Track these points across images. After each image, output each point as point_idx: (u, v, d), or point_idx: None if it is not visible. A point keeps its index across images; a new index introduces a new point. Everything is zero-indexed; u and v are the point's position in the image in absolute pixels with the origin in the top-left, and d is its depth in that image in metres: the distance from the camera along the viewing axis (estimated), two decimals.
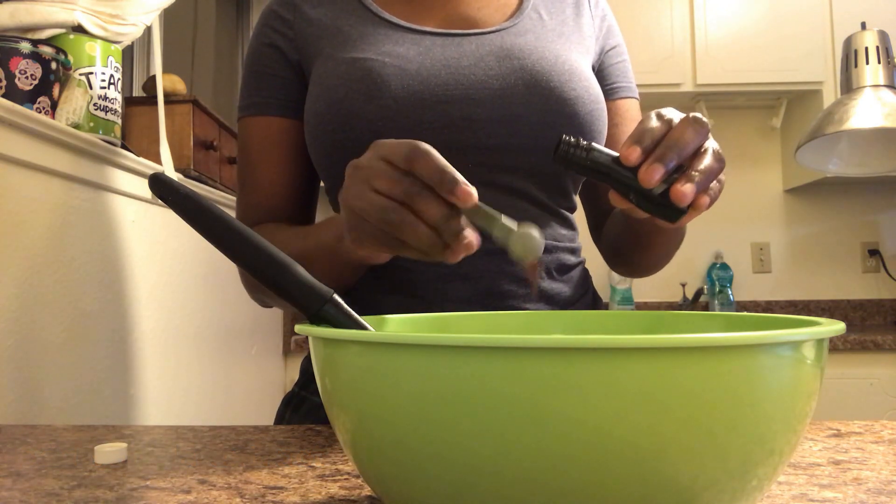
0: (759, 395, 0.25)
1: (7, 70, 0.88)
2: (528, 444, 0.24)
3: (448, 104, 0.65)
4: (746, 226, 2.55)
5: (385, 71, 0.65)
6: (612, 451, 0.24)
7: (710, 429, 0.24)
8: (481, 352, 0.24)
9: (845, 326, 0.31)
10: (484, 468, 0.25)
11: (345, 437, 0.31)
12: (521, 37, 0.71)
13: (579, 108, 0.68)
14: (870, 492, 0.39)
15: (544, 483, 0.25)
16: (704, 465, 0.24)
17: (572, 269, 0.73)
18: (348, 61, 0.67)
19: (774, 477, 0.28)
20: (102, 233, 1.04)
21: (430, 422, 0.26)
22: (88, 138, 0.97)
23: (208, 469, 0.45)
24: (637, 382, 0.23)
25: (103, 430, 0.58)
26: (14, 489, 0.41)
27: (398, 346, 0.26)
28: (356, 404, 0.29)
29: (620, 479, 0.24)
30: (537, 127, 0.67)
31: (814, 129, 1.77)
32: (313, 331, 0.31)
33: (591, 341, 0.23)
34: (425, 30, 0.70)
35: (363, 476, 0.32)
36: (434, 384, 0.25)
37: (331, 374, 0.30)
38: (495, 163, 0.67)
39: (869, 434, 0.54)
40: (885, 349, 1.92)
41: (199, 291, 1.40)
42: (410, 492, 0.28)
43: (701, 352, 0.24)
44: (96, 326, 1.01)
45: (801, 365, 0.27)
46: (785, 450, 0.27)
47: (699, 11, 2.29)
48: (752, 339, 0.24)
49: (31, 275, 0.86)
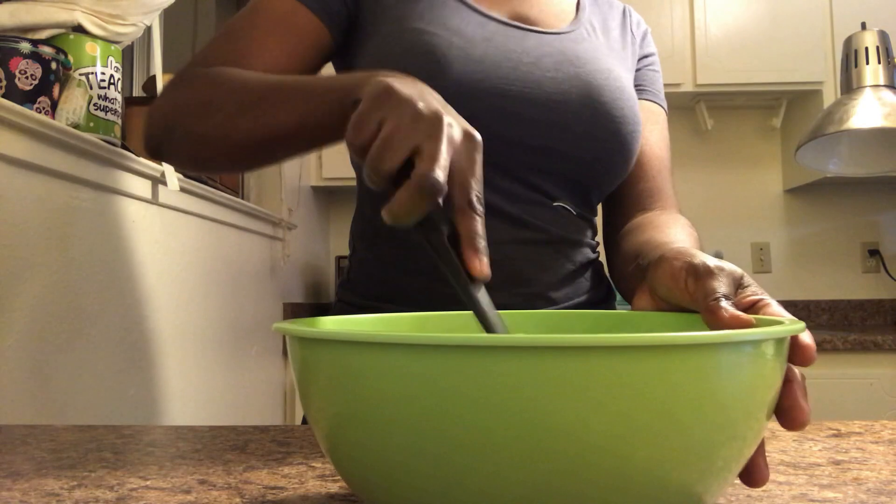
0: (721, 387, 0.26)
1: (7, 70, 0.88)
2: (499, 441, 0.25)
3: (504, 98, 0.65)
4: (746, 226, 2.55)
5: (451, 52, 0.65)
6: (585, 441, 0.25)
7: (677, 417, 0.25)
8: (446, 350, 0.25)
9: (805, 326, 0.32)
10: (458, 466, 0.26)
11: (321, 436, 0.31)
12: (579, 45, 0.71)
13: (623, 126, 0.69)
14: (870, 492, 0.39)
15: (519, 478, 0.25)
16: (672, 449, 0.26)
17: (590, 265, 0.74)
18: (415, 31, 0.66)
19: (741, 458, 0.29)
20: (102, 233, 1.04)
21: (403, 421, 0.26)
22: (88, 138, 0.97)
23: (208, 469, 0.45)
24: (604, 377, 0.24)
25: (103, 430, 0.58)
26: (14, 489, 0.41)
27: (371, 346, 0.27)
28: (333, 404, 0.29)
29: (594, 467, 0.25)
30: (580, 137, 0.68)
31: (814, 129, 1.77)
32: (290, 329, 0.31)
33: (555, 340, 0.24)
34: (492, 15, 0.70)
35: (340, 475, 0.32)
36: (407, 383, 0.26)
37: (307, 373, 0.30)
38: (533, 163, 0.67)
39: (869, 434, 0.54)
40: (885, 349, 1.92)
41: (199, 291, 1.40)
42: (386, 491, 0.28)
43: (667, 349, 0.25)
44: (96, 326, 1.01)
45: (762, 361, 0.28)
46: (748, 435, 0.29)
47: (699, 11, 2.29)
48: (714, 338, 0.26)
49: (31, 275, 0.86)
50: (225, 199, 1.52)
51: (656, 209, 0.75)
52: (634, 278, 0.59)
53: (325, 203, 2.64)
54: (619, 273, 0.72)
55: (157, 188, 1.19)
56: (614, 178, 0.74)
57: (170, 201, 1.25)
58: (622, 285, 0.71)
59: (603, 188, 0.74)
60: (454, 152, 0.40)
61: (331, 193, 2.61)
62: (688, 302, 0.41)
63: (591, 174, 0.71)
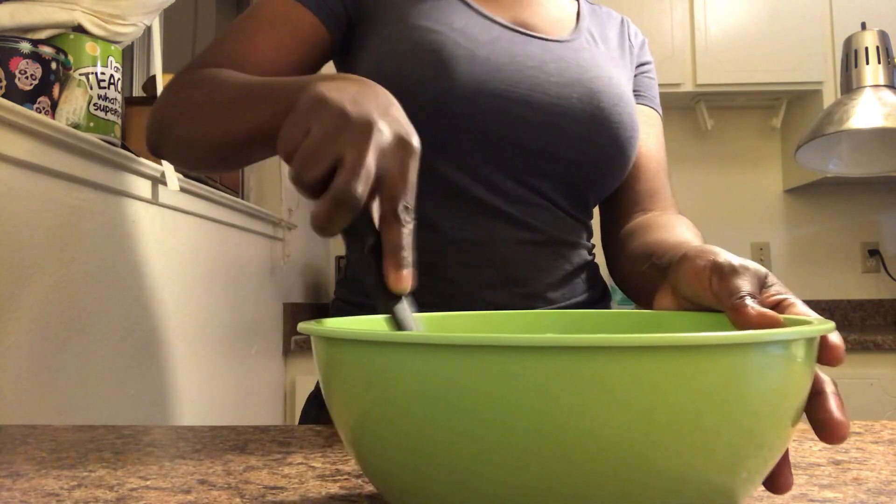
0: (749, 392, 0.25)
1: (7, 70, 0.88)
2: (524, 441, 0.25)
3: (507, 100, 0.66)
4: (746, 226, 2.55)
5: (457, 52, 0.65)
6: (610, 442, 0.24)
7: (703, 420, 0.25)
8: (475, 350, 0.25)
9: (835, 325, 0.31)
10: (481, 465, 0.26)
11: (347, 436, 0.31)
12: (580, 52, 0.72)
13: (620, 132, 0.70)
14: (870, 492, 0.39)
15: (544, 477, 0.25)
16: (694, 458, 0.25)
17: (586, 267, 0.75)
18: (421, 29, 0.66)
19: (765, 469, 0.28)
20: (102, 233, 1.04)
21: (429, 420, 0.26)
22: (88, 138, 0.97)
23: (208, 469, 0.45)
24: (629, 379, 0.24)
25: (103, 430, 0.58)
26: (14, 489, 0.41)
27: (397, 346, 0.27)
28: (358, 404, 0.29)
29: (618, 468, 0.25)
30: (578, 141, 0.68)
31: (814, 129, 1.77)
32: (315, 329, 0.31)
33: (586, 340, 0.24)
34: (496, 19, 0.71)
35: (366, 475, 0.32)
36: (432, 383, 0.26)
37: (332, 373, 0.30)
38: (531, 165, 0.68)
39: (869, 434, 0.54)
40: (885, 349, 1.92)
41: (199, 291, 1.40)
42: (411, 490, 0.28)
43: (693, 350, 0.24)
44: (96, 326, 1.01)
45: (791, 363, 0.27)
46: (775, 444, 0.28)
47: (699, 11, 2.29)
48: (743, 338, 0.25)
49: (31, 275, 0.86)
50: (225, 199, 1.52)
51: (656, 210, 0.76)
52: (648, 278, 0.59)
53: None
54: (625, 273, 0.72)
55: (157, 188, 1.19)
56: (611, 183, 0.75)
57: (170, 201, 1.25)
58: (628, 285, 0.71)
59: (599, 192, 0.75)
60: (383, 160, 0.39)
61: None
62: (712, 301, 0.41)
63: (589, 178, 0.72)
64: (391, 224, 0.38)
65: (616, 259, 0.75)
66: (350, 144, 0.38)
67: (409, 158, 0.40)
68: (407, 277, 0.38)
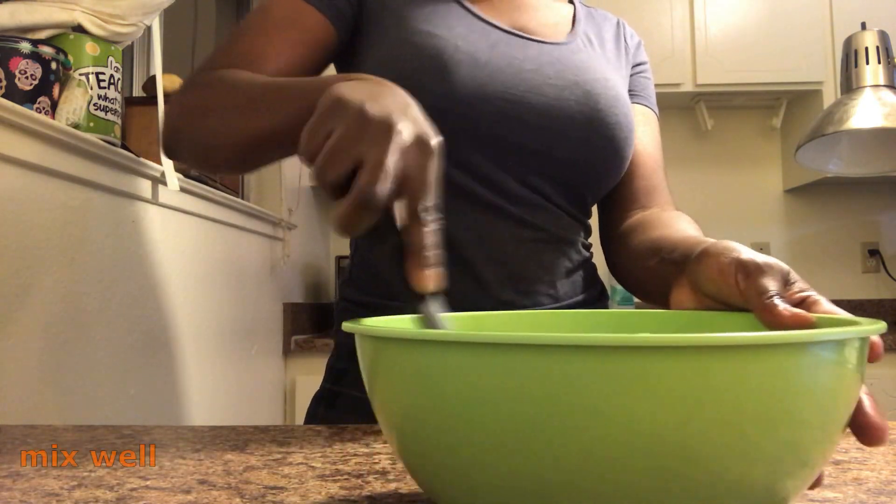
0: (797, 398, 0.24)
1: (7, 70, 0.88)
2: (570, 440, 0.25)
3: (506, 102, 0.67)
4: (746, 226, 2.55)
5: (458, 56, 0.66)
6: (648, 449, 0.24)
7: (747, 424, 0.24)
8: (523, 349, 0.25)
9: (886, 325, 0.29)
10: (525, 462, 0.26)
11: (392, 436, 0.31)
12: (577, 55, 0.74)
13: (617, 132, 0.71)
14: (870, 492, 0.39)
15: (589, 477, 0.25)
16: (730, 469, 0.24)
17: (584, 265, 0.76)
18: (423, 34, 0.68)
19: (802, 489, 0.27)
20: (102, 233, 1.04)
21: (474, 419, 0.26)
22: (88, 138, 0.97)
23: (208, 469, 0.45)
24: (675, 380, 0.23)
25: (103, 430, 0.58)
26: (14, 489, 0.41)
27: (442, 345, 0.26)
28: (403, 403, 0.29)
29: (661, 468, 0.24)
30: (576, 142, 0.70)
31: (814, 129, 1.77)
32: (361, 329, 0.31)
33: (631, 339, 0.23)
34: (495, 23, 0.72)
35: (410, 473, 0.32)
36: (479, 382, 0.26)
37: (377, 372, 0.30)
38: (531, 165, 0.70)
39: None
40: (886, 349, 1.92)
41: (199, 291, 1.40)
42: (457, 487, 0.28)
43: (742, 350, 0.23)
44: (96, 326, 1.01)
45: (843, 367, 0.26)
46: (819, 461, 0.26)
47: (699, 11, 2.29)
48: (795, 337, 0.24)
49: (31, 275, 0.86)
50: (225, 199, 1.52)
51: (655, 206, 0.77)
52: (658, 273, 0.59)
53: (325, 203, 2.64)
54: (630, 269, 0.72)
55: (157, 188, 1.19)
56: (608, 182, 0.76)
57: (170, 201, 1.25)
58: (633, 280, 0.72)
59: (597, 191, 0.76)
60: (404, 160, 0.39)
61: None
62: (737, 299, 0.40)
63: (586, 178, 0.73)
64: (412, 224, 0.39)
65: (618, 255, 0.76)
66: (371, 145, 0.38)
67: (428, 159, 0.40)
68: (430, 276, 0.38)
